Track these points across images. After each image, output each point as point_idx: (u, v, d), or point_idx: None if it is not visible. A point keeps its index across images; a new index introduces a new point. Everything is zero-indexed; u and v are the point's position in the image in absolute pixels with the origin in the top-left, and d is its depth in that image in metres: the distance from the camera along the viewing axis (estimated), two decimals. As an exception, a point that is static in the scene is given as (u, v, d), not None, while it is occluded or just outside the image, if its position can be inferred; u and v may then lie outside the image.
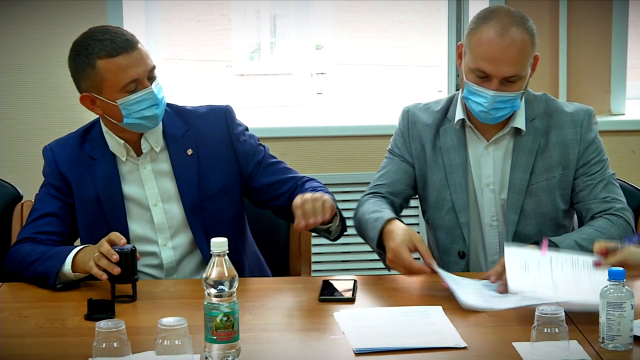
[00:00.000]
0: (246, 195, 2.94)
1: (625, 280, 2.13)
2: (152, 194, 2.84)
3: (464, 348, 2.17)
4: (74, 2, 4.14)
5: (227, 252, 2.10)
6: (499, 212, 2.86)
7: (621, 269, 2.14)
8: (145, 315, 2.42)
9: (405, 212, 3.05)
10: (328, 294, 2.54)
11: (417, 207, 3.04)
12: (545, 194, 2.83)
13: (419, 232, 3.20)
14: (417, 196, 3.01)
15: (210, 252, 2.10)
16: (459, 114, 2.85)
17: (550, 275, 2.43)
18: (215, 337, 2.06)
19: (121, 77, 2.69)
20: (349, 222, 2.92)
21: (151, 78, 2.73)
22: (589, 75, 4.33)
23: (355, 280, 2.65)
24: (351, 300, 2.52)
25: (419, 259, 2.64)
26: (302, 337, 2.31)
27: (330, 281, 2.64)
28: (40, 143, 4.18)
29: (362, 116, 4.41)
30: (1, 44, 4.15)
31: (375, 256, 4.49)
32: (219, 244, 2.09)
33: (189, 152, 2.84)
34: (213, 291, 2.06)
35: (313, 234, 3.04)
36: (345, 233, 2.92)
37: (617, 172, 3.20)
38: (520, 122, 2.83)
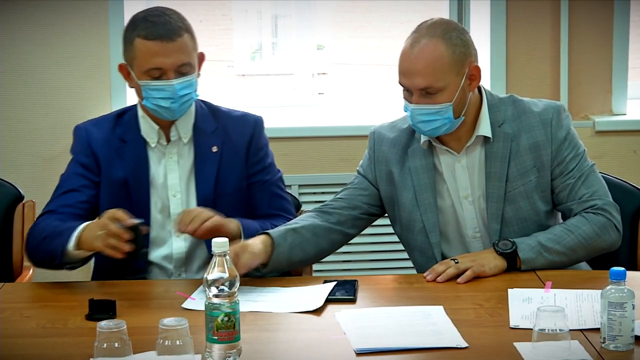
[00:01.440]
0: None
1: (625, 280, 2.14)
2: (172, 184, 2.88)
3: (465, 348, 2.17)
4: (75, 3, 4.14)
5: (228, 252, 2.10)
6: (480, 223, 2.85)
7: (622, 269, 2.14)
8: (147, 316, 2.42)
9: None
10: (330, 294, 2.54)
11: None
12: (524, 199, 2.80)
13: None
14: (387, 216, 2.99)
15: (212, 252, 2.10)
16: (424, 135, 2.83)
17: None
18: (216, 337, 2.07)
19: (146, 61, 2.75)
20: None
21: (182, 73, 2.77)
22: (590, 75, 4.33)
23: (356, 281, 2.65)
24: (352, 301, 2.52)
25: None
26: (303, 337, 2.31)
27: (332, 281, 2.64)
28: (41, 143, 4.21)
29: (363, 116, 4.40)
30: (2, 44, 4.15)
31: (377, 256, 4.50)
32: (220, 244, 2.10)
33: (214, 149, 2.89)
34: (214, 291, 2.06)
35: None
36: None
37: (618, 172, 3.20)
38: (485, 129, 2.80)
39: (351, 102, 4.60)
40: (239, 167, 2.91)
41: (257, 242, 2.68)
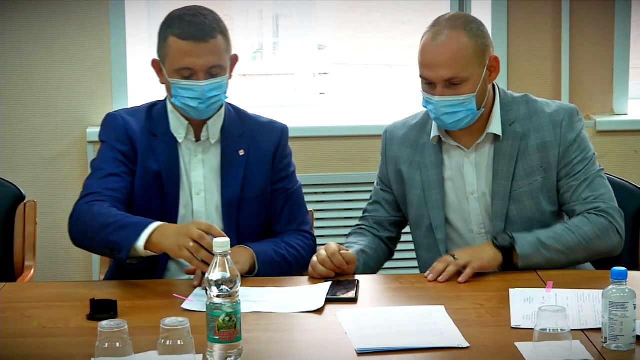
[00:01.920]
0: None
1: (627, 280, 2.14)
2: (196, 182, 2.88)
3: (467, 348, 2.17)
4: (76, 2, 4.14)
5: (230, 252, 2.10)
6: (486, 220, 2.85)
7: (623, 269, 2.13)
8: (148, 315, 2.42)
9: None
10: (331, 294, 2.54)
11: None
12: (529, 198, 2.81)
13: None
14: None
15: (213, 252, 2.10)
16: (434, 131, 2.85)
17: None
18: (217, 337, 2.06)
19: (177, 61, 2.76)
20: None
21: (212, 74, 2.77)
22: (592, 75, 4.33)
23: (357, 280, 2.66)
24: (354, 300, 2.52)
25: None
26: (305, 337, 2.31)
27: (334, 281, 2.65)
28: (42, 143, 4.21)
29: (364, 116, 4.41)
30: (3, 44, 4.15)
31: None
32: (221, 244, 2.10)
33: (241, 152, 2.89)
34: (215, 291, 2.06)
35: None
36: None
37: (619, 172, 3.20)
38: (496, 127, 2.81)
39: (352, 102, 4.60)
40: (265, 172, 2.91)
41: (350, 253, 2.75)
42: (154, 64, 2.86)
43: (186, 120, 2.86)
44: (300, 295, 2.56)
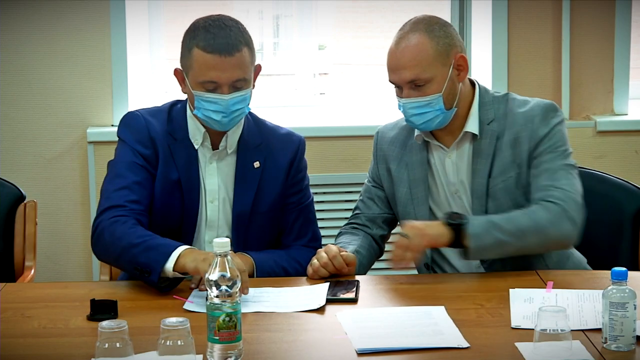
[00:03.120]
0: None
1: (627, 280, 2.13)
2: (211, 190, 2.85)
3: (467, 348, 2.17)
4: (76, 3, 4.14)
5: (230, 252, 2.10)
6: None
7: (623, 269, 2.13)
8: (148, 316, 2.42)
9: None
10: (331, 294, 2.55)
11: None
12: (504, 195, 2.81)
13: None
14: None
15: (213, 252, 2.11)
16: (419, 130, 2.87)
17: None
18: (217, 338, 2.07)
19: (202, 74, 2.72)
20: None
21: (237, 87, 2.74)
22: (592, 75, 4.32)
23: (357, 281, 2.66)
24: (354, 301, 2.52)
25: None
26: (305, 337, 2.31)
27: (333, 282, 2.65)
28: (43, 143, 4.21)
29: (364, 116, 4.41)
30: (4, 44, 4.15)
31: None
32: (221, 244, 2.10)
33: (256, 164, 2.87)
34: (215, 291, 2.06)
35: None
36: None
37: (619, 172, 3.20)
38: (473, 126, 2.83)
39: (352, 102, 4.60)
40: (279, 186, 2.89)
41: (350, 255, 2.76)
42: (177, 73, 2.81)
43: (204, 127, 2.83)
44: (301, 294, 2.56)
